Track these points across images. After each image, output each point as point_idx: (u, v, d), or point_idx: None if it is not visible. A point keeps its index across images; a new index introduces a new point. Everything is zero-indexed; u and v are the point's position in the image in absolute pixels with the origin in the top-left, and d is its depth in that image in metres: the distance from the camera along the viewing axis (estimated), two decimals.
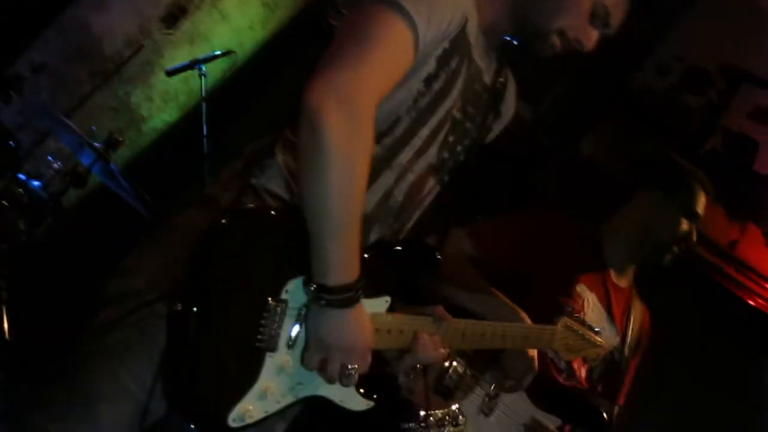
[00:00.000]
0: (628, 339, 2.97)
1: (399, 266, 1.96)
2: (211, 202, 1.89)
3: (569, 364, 2.84)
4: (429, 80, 1.92)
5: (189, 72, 4.15)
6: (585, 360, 2.57)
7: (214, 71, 4.48)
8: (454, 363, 2.59)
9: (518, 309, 2.60)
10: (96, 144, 3.66)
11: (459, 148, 2.08)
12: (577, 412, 2.81)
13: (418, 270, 1.99)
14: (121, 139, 3.73)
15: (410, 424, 2.48)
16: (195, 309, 1.68)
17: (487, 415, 2.66)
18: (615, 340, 2.96)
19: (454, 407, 2.62)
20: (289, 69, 4.98)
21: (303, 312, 1.78)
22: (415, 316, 1.97)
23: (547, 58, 2.06)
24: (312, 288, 1.73)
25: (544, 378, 2.68)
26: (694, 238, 2.94)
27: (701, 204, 2.97)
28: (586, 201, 3.84)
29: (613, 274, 3.00)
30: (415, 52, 1.80)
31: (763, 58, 4.88)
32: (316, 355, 1.79)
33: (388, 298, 1.93)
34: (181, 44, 5.13)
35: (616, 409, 2.98)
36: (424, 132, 1.97)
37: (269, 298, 1.76)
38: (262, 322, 1.75)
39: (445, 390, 2.61)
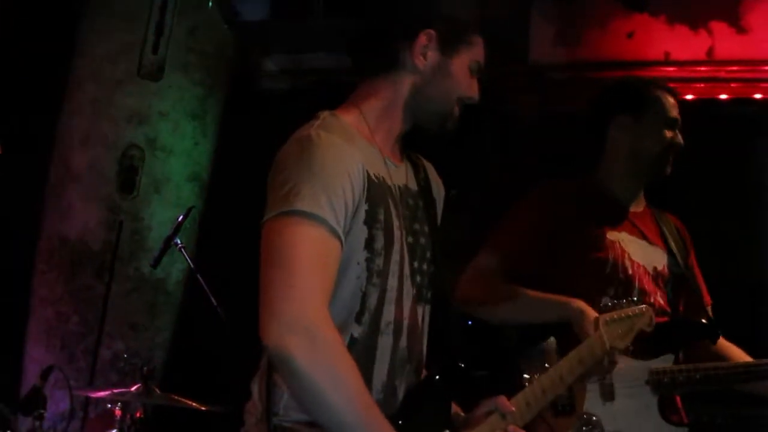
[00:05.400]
0: (674, 250, 2.97)
1: (435, 402, 2.03)
2: None
3: (648, 301, 2.83)
4: (369, 244, 1.95)
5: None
6: (642, 332, 2.57)
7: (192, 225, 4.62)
8: None
9: (561, 298, 2.66)
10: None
11: (425, 265, 2.10)
12: (680, 336, 2.83)
13: (452, 391, 2.06)
14: (148, 369, 3.86)
15: None
16: None
17: (611, 399, 2.68)
18: (665, 258, 2.97)
19: (582, 415, 2.66)
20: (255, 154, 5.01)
21: None
22: (481, 427, 2.01)
23: None
24: None
25: None
26: (680, 139, 2.93)
27: (672, 107, 2.94)
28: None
29: (630, 207, 3.00)
30: (338, 240, 1.85)
31: None
32: None
33: None
34: (150, 198, 5.20)
35: (709, 308, 3.02)
36: (393, 283, 2.00)
37: None
38: None
39: (564, 408, 2.66)
